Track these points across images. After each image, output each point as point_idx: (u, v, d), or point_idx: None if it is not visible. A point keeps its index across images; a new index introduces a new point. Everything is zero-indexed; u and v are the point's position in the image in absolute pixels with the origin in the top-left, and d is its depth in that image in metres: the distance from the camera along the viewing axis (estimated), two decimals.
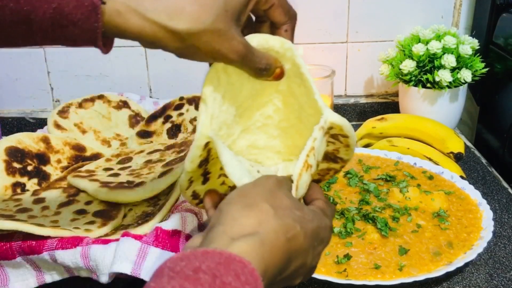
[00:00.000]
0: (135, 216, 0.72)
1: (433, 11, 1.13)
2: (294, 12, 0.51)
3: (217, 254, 0.35)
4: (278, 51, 0.49)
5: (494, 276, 0.67)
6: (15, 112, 1.22)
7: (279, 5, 0.48)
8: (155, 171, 0.78)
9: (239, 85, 0.49)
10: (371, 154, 0.92)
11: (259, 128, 0.54)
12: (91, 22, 0.40)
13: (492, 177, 0.91)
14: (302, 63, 0.50)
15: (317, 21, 1.13)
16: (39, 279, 0.64)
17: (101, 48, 0.43)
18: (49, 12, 0.40)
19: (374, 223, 0.71)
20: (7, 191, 0.77)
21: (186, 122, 0.99)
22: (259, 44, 0.48)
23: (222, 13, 0.42)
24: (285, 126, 0.54)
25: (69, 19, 0.40)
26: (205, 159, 0.48)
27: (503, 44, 1.01)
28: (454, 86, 1.00)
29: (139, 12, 0.41)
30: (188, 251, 0.35)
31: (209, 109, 0.47)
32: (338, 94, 1.21)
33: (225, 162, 0.46)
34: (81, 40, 0.42)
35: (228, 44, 0.43)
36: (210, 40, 0.42)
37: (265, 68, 0.47)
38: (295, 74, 0.50)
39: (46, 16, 0.40)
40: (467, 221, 0.73)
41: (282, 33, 0.50)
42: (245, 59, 0.45)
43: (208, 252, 0.35)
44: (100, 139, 0.98)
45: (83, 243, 0.62)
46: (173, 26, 0.41)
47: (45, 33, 0.41)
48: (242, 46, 0.44)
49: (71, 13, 0.40)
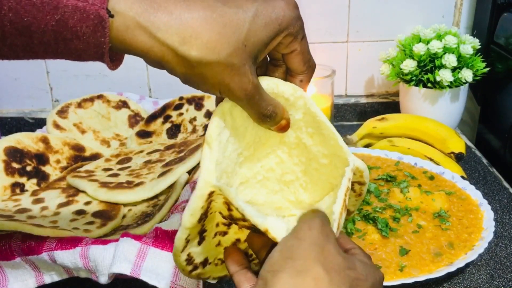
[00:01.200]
0: (134, 217, 0.72)
1: (434, 10, 1.13)
2: (314, 63, 0.47)
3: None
4: (289, 98, 0.45)
5: (495, 277, 0.67)
6: (14, 112, 1.22)
7: (301, 53, 0.44)
8: (155, 171, 0.78)
9: (243, 130, 0.46)
10: (372, 154, 0.91)
11: (259, 182, 0.49)
12: (97, 36, 0.37)
13: (493, 177, 0.91)
14: (318, 111, 0.46)
15: (318, 21, 1.13)
16: (38, 280, 0.64)
17: (108, 64, 0.40)
18: (51, 24, 0.37)
19: (375, 224, 0.71)
20: (6, 191, 0.77)
21: (185, 122, 0.99)
22: (269, 87, 0.44)
23: (240, 47, 0.39)
24: (288, 180, 0.50)
25: (73, 32, 0.37)
26: (205, 212, 0.42)
27: (504, 43, 1.00)
28: (455, 86, 1.00)
29: (150, 30, 0.38)
30: None
31: (214, 153, 0.42)
32: (338, 94, 1.20)
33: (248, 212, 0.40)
34: (87, 55, 0.39)
35: (239, 81, 0.40)
36: (220, 72, 0.39)
37: (270, 115, 0.44)
38: (307, 124, 0.47)
39: (48, 28, 0.37)
40: (468, 221, 0.73)
41: (297, 82, 0.46)
42: (251, 100, 0.42)
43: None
44: (100, 139, 0.97)
45: (82, 244, 0.61)
46: (184, 52, 0.38)
47: (47, 46, 0.38)
48: (251, 86, 0.41)
49: (75, 26, 0.37)
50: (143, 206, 0.74)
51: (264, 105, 0.43)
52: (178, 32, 0.38)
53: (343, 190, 0.43)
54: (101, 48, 0.38)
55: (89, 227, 0.67)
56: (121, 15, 0.37)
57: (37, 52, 0.39)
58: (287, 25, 0.41)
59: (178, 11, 0.38)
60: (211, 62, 0.38)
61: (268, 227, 0.40)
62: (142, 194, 0.72)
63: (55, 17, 0.37)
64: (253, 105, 0.42)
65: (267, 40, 0.41)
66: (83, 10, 0.37)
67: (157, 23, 0.38)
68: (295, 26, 0.42)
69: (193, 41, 0.38)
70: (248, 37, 0.39)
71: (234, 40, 0.39)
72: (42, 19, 0.37)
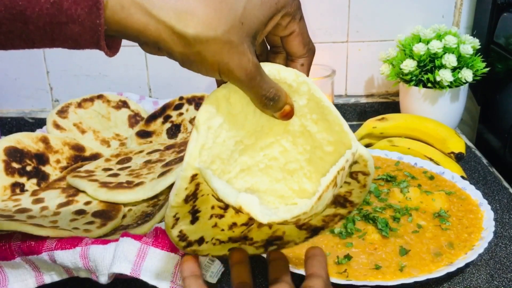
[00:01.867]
0: (134, 217, 0.72)
1: (434, 10, 1.13)
2: (313, 47, 0.46)
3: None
4: (291, 84, 0.44)
5: (495, 277, 0.67)
6: (14, 112, 1.22)
7: (299, 34, 0.44)
8: (155, 171, 0.78)
9: (242, 118, 0.45)
10: (372, 154, 0.90)
11: (262, 170, 0.49)
12: (92, 18, 0.37)
13: (493, 177, 0.91)
14: (322, 96, 0.45)
15: (318, 21, 1.13)
16: (38, 280, 0.64)
17: (105, 49, 0.40)
18: (46, 7, 0.36)
19: (375, 224, 0.71)
20: (6, 191, 0.77)
21: (185, 122, 0.99)
22: (270, 74, 0.43)
23: (237, 25, 0.39)
24: (291, 169, 0.49)
25: (68, 15, 0.37)
26: (193, 193, 0.43)
27: (504, 43, 1.00)
28: (455, 86, 1.00)
29: (145, 7, 0.37)
30: None
31: (200, 138, 0.42)
32: (338, 94, 1.20)
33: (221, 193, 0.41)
34: (83, 40, 0.38)
35: (238, 59, 0.39)
36: (219, 50, 0.39)
37: (273, 97, 0.43)
38: (312, 110, 0.46)
39: (43, 12, 0.36)
40: (468, 221, 0.73)
41: (297, 66, 0.46)
42: (252, 81, 0.41)
43: None
44: (100, 139, 0.97)
45: (82, 244, 0.61)
46: (181, 28, 0.38)
47: (43, 32, 0.38)
48: (252, 65, 0.40)
49: (70, 8, 0.36)
50: (143, 206, 0.74)
51: (266, 87, 0.42)
52: (174, 9, 0.38)
53: (337, 168, 0.42)
54: (97, 32, 0.38)
55: (89, 227, 0.67)
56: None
57: (33, 39, 0.38)
58: (284, 3, 0.41)
59: None
60: (209, 38, 0.38)
61: (241, 204, 0.40)
62: (142, 194, 0.72)
63: (49, 0, 0.36)
64: (255, 86, 0.42)
65: (264, 19, 0.40)
66: None
67: (153, 0, 0.37)
68: (292, 6, 0.42)
69: (189, 17, 0.38)
70: (245, 15, 0.39)
71: (231, 17, 0.38)
72: (37, 3, 0.36)
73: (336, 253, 0.67)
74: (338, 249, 0.67)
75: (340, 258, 0.65)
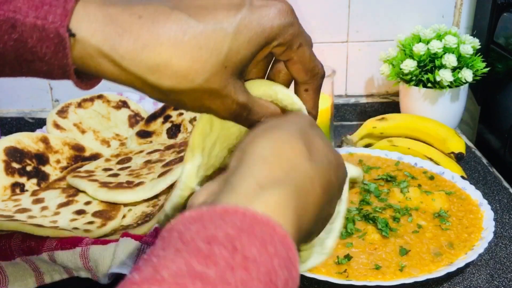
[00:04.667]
0: (134, 217, 0.72)
1: (434, 10, 1.13)
2: (320, 71, 0.40)
3: (240, 215, 0.28)
4: (286, 106, 0.41)
5: (495, 277, 0.67)
6: (14, 112, 1.22)
7: (298, 62, 0.39)
8: (155, 171, 0.78)
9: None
10: (372, 154, 0.91)
11: None
12: (59, 57, 0.33)
13: (493, 177, 0.91)
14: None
15: (317, 21, 1.13)
16: (38, 280, 0.64)
17: (79, 85, 0.36)
18: (10, 44, 0.33)
19: (375, 224, 0.71)
20: (6, 191, 0.77)
21: (185, 122, 0.99)
22: (266, 94, 0.40)
23: (220, 70, 0.34)
24: None
25: (33, 53, 0.33)
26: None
27: (504, 43, 1.00)
28: (455, 86, 1.00)
29: (114, 59, 0.33)
30: (204, 209, 0.28)
31: (196, 160, 0.42)
32: (338, 94, 1.20)
33: None
34: (55, 75, 0.35)
35: (220, 103, 0.36)
36: (198, 98, 0.35)
37: None
38: None
39: (8, 49, 0.33)
40: (468, 221, 0.73)
41: (301, 91, 0.41)
42: (238, 118, 0.38)
43: (228, 211, 0.28)
44: (100, 139, 0.97)
45: (82, 244, 0.61)
46: (154, 81, 0.34)
47: (12, 67, 0.34)
48: (236, 106, 0.36)
49: (35, 46, 0.33)
50: (143, 206, 0.74)
51: (255, 118, 0.38)
52: (146, 62, 0.33)
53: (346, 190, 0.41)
54: (66, 71, 0.34)
55: (89, 227, 0.67)
56: (82, 43, 0.33)
57: (4, 71, 0.36)
58: (275, 35, 0.36)
59: (144, 36, 0.33)
60: (185, 90, 0.34)
61: None
62: (142, 194, 0.72)
63: (12, 37, 0.33)
64: (242, 121, 0.39)
65: (252, 56, 0.36)
66: (42, 28, 0.32)
67: (121, 51, 0.33)
68: (286, 36, 0.36)
69: (163, 70, 0.33)
70: (229, 58, 0.34)
71: (211, 64, 0.34)
72: (1, 39, 0.33)
73: (336, 253, 0.67)
74: (338, 249, 0.67)
75: (340, 258, 0.65)
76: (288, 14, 0.36)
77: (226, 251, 0.26)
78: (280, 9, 0.36)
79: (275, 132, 0.34)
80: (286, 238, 0.28)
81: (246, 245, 0.26)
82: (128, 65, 0.33)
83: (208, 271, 0.25)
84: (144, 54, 0.33)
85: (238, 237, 0.26)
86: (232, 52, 0.34)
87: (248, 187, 0.30)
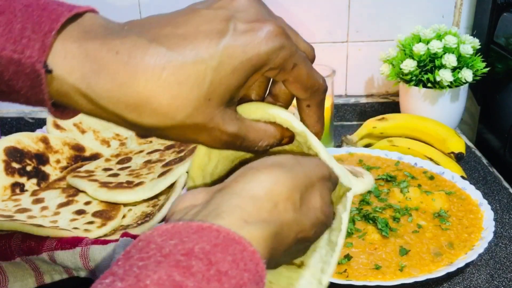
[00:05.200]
0: (134, 217, 0.72)
1: (434, 10, 1.13)
2: (321, 85, 0.38)
3: (214, 232, 0.29)
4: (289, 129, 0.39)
5: (495, 277, 0.67)
6: (14, 112, 1.22)
7: (295, 82, 0.36)
8: (155, 171, 0.78)
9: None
10: (372, 154, 0.91)
11: None
12: (36, 92, 0.32)
13: (493, 177, 0.91)
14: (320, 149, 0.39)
15: (318, 21, 1.13)
16: (38, 280, 0.64)
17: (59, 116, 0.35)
18: None
19: (375, 224, 0.71)
20: (6, 191, 0.77)
21: None
22: (263, 118, 0.38)
23: (203, 104, 0.32)
24: None
25: (10, 86, 0.32)
26: None
27: (504, 43, 1.00)
28: (455, 86, 1.00)
29: (91, 98, 0.32)
30: (181, 224, 0.29)
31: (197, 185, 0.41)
32: (338, 94, 1.20)
33: None
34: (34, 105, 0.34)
35: (207, 136, 0.34)
36: (183, 133, 0.33)
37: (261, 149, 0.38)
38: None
39: None
40: (468, 221, 0.73)
41: (303, 107, 0.39)
42: (231, 147, 0.36)
43: (203, 228, 0.29)
44: (100, 139, 0.97)
45: (82, 244, 0.62)
46: (133, 119, 0.32)
47: None
48: (226, 136, 0.35)
49: (11, 79, 0.32)
50: (143, 206, 0.74)
51: (250, 145, 0.37)
52: (124, 100, 0.31)
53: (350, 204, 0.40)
54: (43, 105, 0.33)
55: (89, 227, 0.67)
56: (59, 80, 0.32)
57: None
58: (264, 62, 0.33)
59: (121, 74, 0.31)
60: (167, 127, 0.33)
61: None
62: (142, 194, 0.72)
63: None
64: (237, 149, 0.37)
65: (239, 84, 0.33)
66: (18, 62, 0.31)
67: (98, 90, 0.31)
68: (277, 60, 0.34)
69: (141, 108, 0.32)
70: (212, 90, 0.32)
71: (193, 99, 0.32)
72: None
73: None
74: None
75: (340, 258, 0.65)
76: (277, 37, 0.33)
77: (202, 264, 0.27)
78: (268, 32, 0.33)
79: (279, 173, 0.34)
80: (255, 255, 0.30)
81: (220, 260, 0.28)
82: (105, 104, 0.32)
83: (187, 281, 0.27)
84: (121, 93, 0.31)
85: (213, 252, 0.28)
86: (215, 85, 0.32)
87: (234, 219, 0.31)
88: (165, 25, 0.33)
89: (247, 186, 0.33)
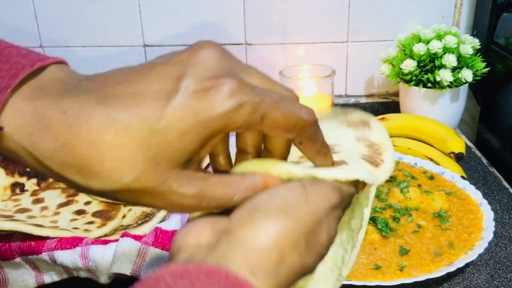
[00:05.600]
0: (134, 217, 0.72)
1: (434, 10, 1.13)
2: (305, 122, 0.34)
3: (224, 276, 0.29)
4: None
5: (495, 277, 0.67)
6: None
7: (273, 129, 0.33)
8: None
9: None
10: None
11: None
12: None
13: (493, 177, 0.91)
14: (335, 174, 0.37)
15: (318, 21, 1.13)
16: (38, 280, 0.64)
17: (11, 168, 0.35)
18: None
19: (375, 224, 0.71)
20: (6, 191, 0.77)
21: None
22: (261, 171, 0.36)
23: (151, 167, 0.30)
24: None
25: None
26: None
27: (504, 43, 1.00)
28: (455, 86, 1.00)
29: (37, 157, 0.31)
30: (190, 266, 0.29)
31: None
32: (338, 94, 1.20)
33: None
34: None
35: (161, 199, 0.32)
36: (133, 196, 0.32)
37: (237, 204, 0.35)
38: None
39: None
40: (468, 221, 0.73)
41: (296, 145, 0.36)
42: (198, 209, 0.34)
43: (213, 271, 0.29)
44: None
45: (82, 244, 0.62)
46: (77, 181, 0.31)
47: None
48: (186, 200, 0.33)
49: None
50: (143, 206, 0.74)
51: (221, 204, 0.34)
52: (66, 161, 0.30)
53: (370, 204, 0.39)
54: None
55: (89, 227, 0.67)
56: (8, 138, 0.31)
57: None
58: (223, 124, 0.31)
59: (64, 135, 0.30)
60: (115, 190, 0.31)
61: None
62: None
63: None
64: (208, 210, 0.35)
65: (193, 147, 0.31)
66: None
67: (43, 150, 0.30)
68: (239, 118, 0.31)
69: (84, 170, 0.30)
70: (160, 154, 0.30)
71: (138, 162, 0.30)
72: None
73: None
74: None
75: None
76: (233, 96, 0.30)
77: None
78: (223, 92, 0.30)
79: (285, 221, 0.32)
80: None
81: None
82: (50, 164, 0.31)
83: None
84: (65, 154, 0.30)
85: None
86: (163, 148, 0.30)
87: (241, 268, 0.30)
88: (119, 82, 0.31)
89: (254, 236, 0.31)
